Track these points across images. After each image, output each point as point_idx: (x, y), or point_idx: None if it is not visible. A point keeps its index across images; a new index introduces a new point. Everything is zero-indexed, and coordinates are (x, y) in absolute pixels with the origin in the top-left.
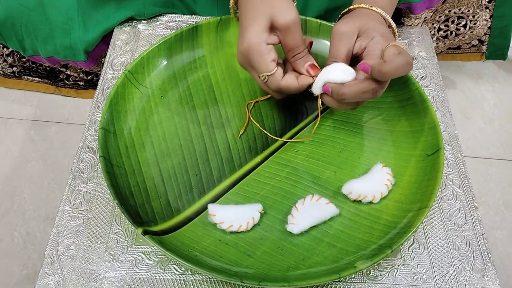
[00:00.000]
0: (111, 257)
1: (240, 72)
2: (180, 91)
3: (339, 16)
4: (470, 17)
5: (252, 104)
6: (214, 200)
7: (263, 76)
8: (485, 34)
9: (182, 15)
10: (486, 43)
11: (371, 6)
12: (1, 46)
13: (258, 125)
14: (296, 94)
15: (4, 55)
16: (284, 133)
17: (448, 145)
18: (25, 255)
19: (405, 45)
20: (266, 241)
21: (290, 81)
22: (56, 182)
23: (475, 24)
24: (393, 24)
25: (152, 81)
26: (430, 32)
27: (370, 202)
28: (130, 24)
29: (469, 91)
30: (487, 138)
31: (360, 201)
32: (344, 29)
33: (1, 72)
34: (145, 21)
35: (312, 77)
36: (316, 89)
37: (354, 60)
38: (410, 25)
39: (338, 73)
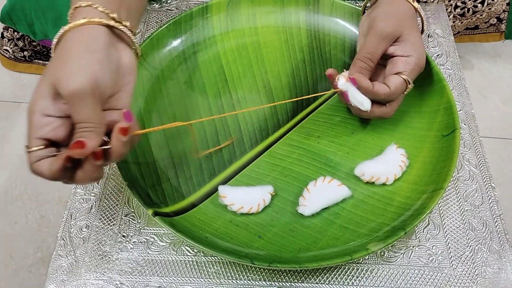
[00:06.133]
0: (124, 238)
1: (251, 53)
2: (190, 72)
3: None
4: None
5: (207, 152)
6: (224, 182)
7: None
8: (503, 11)
9: None
10: (505, 21)
11: None
12: (12, 30)
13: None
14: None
15: (14, 39)
16: (295, 114)
17: (464, 124)
18: (39, 238)
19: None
20: (277, 223)
21: (44, 167)
22: None
23: (493, 0)
24: (421, 12)
25: (161, 62)
26: (447, 9)
27: (384, 184)
28: None
29: (486, 70)
30: (504, 118)
31: (373, 182)
32: (389, 30)
33: (12, 56)
34: (154, 2)
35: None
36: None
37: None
38: (426, 2)
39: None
